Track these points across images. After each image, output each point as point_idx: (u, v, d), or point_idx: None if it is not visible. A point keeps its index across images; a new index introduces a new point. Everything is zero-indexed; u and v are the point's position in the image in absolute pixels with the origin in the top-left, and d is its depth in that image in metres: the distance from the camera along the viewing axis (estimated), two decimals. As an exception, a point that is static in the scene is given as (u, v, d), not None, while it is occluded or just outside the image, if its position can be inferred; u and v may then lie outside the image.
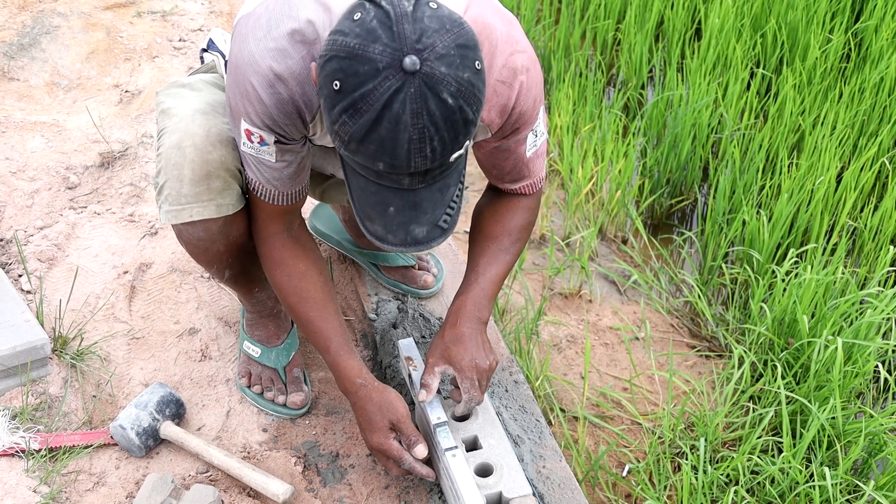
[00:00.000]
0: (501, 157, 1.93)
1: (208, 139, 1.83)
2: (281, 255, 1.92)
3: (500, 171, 1.98)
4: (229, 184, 1.88)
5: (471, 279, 1.97)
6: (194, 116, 1.85)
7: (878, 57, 3.75)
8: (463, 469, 1.84)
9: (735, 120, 3.53)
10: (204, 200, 1.86)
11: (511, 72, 1.76)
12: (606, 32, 4.14)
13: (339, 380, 1.94)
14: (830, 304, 2.67)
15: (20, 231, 2.55)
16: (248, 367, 2.22)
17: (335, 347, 1.92)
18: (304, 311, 1.93)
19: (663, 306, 2.94)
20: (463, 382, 1.90)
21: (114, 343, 2.29)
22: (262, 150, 1.77)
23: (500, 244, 2.00)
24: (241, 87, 1.70)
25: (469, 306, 1.93)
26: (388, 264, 2.47)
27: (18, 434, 2.02)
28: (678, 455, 2.40)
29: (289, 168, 1.81)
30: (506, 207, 2.03)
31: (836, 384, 2.35)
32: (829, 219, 3.14)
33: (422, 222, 1.57)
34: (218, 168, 1.85)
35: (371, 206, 1.57)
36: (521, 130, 1.88)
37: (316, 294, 1.93)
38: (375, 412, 1.88)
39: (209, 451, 2.01)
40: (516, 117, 1.83)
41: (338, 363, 1.92)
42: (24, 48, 3.30)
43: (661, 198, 3.45)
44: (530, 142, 1.92)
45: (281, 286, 1.94)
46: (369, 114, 1.42)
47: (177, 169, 1.84)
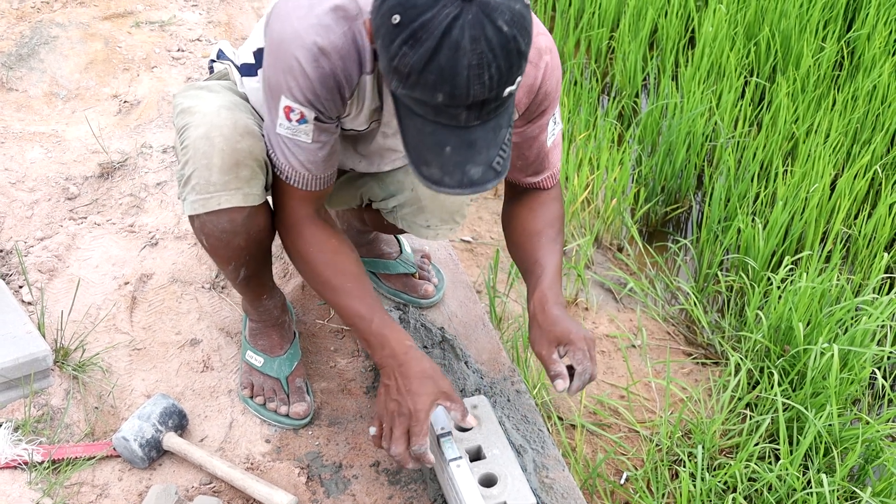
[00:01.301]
0: (526, 145, 1.96)
1: (236, 129, 1.85)
2: (312, 232, 1.91)
3: (524, 161, 2.00)
4: (256, 173, 1.89)
5: (536, 272, 1.97)
6: (219, 111, 1.88)
7: (871, 65, 3.77)
8: (467, 479, 1.84)
9: (729, 128, 3.55)
10: (232, 189, 1.87)
11: (536, 52, 1.80)
12: (601, 41, 4.15)
13: (383, 348, 1.88)
14: (826, 311, 2.68)
15: (20, 242, 2.55)
16: (250, 378, 2.22)
17: (379, 317, 1.89)
18: (341, 283, 1.89)
19: (659, 314, 2.95)
20: (576, 354, 1.86)
21: (115, 354, 2.29)
22: (300, 130, 1.79)
23: (547, 236, 2.02)
24: (285, 63, 1.72)
25: (549, 294, 1.93)
26: (388, 272, 2.47)
27: (21, 446, 2.01)
28: (676, 463, 2.41)
29: (323, 150, 1.83)
30: (538, 203, 2.06)
31: (832, 391, 2.37)
32: (823, 226, 3.16)
33: (477, 162, 1.58)
34: (246, 157, 1.86)
35: (427, 149, 1.58)
36: (545, 114, 1.92)
37: (352, 268, 1.92)
38: (426, 379, 1.84)
39: (212, 463, 2.00)
40: (542, 97, 1.87)
41: (383, 333, 1.87)
42: (22, 58, 3.30)
43: (656, 206, 3.46)
44: (550, 129, 1.96)
45: (315, 262, 1.91)
46: (429, 42, 1.44)
47: (206, 158, 1.84)
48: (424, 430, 1.81)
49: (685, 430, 2.51)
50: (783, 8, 3.98)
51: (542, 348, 1.88)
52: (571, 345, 1.86)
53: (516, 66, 1.50)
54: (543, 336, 1.88)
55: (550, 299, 1.91)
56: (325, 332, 2.40)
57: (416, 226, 2.16)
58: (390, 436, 1.82)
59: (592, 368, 1.86)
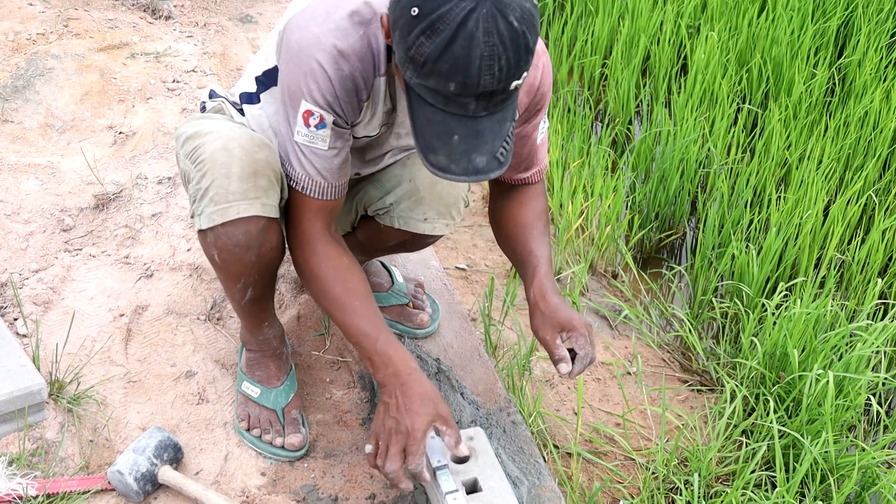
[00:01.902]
0: (520, 144, 2.06)
1: (253, 141, 1.91)
2: (325, 249, 1.94)
3: (517, 159, 2.10)
4: (273, 184, 1.92)
5: (532, 262, 2.07)
6: (233, 128, 1.95)
7: (862, 91, 3.80)
8: None
9: (722, 155, 3.56)
10: (251, 198, 1.89)
11: (535, 54, 1.86)
12: (593, 68, 4.17)
13: (387, 367, 1.90)
14: (820, 337, 2.69)
15: (15, 274, 2.55)
16: (246, 409, 2.21)
17: (385, 337, 1.92)
18: (350, 301, 1.92)
19: (654, 341, 2.95)
20: (578, 339, 1.95)
21: (110, 387, 2.28)
22: (317, 137, 1.85)
23: (538, 228, 2.12)
24: (306, 67, 1.79)
25: (547, 283, 2.02)
26: (380, 304, 2.48)
27: (16, 480, 2.00)
28: (672, 490, 2.40)
29: (338, 157, 1.89)
30: (527, 197, 2.16)
31: (828, 418, 2.36)
32: (817, 252, 3.17)
33: (482, 151, 1.66)
34: (265, 167, 1.89)
35: (436, 137, 1.65)
36: (539, 113, 2.04)
37: (360, 287, 1.94)
38: (426, 400, 1.86)
39: (208, 496, 2.00)
40: (539, 97, 1.99)
41: (388, 352, 1.90)
42: (17, 90, 3.31)
43: (650, 232, 3.47)
44: (541, 127, 2.08)
45: (325, 279, 1.93)
46: (445, 32, 1.53)
47: (225, 168, 1.88)
48: (421, 450, 1.82)
49: (681, 457, 2.50)
50: (774, 35, 4.01)
51: (547, 334, 1.97)
52: (574, 331, 1.95)
53: (524, 61, 1.59)
54: (546, 323, 1.97)
55: (549, 288, 2.01)
56: (321, 364, 2.40)
57: (413, 220, 2.18)
58: (386, 453, 1.84)
59: (593, 352, 1.97)
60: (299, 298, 2.56)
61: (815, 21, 4.24)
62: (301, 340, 2.46)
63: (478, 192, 3.52)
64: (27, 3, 3.83)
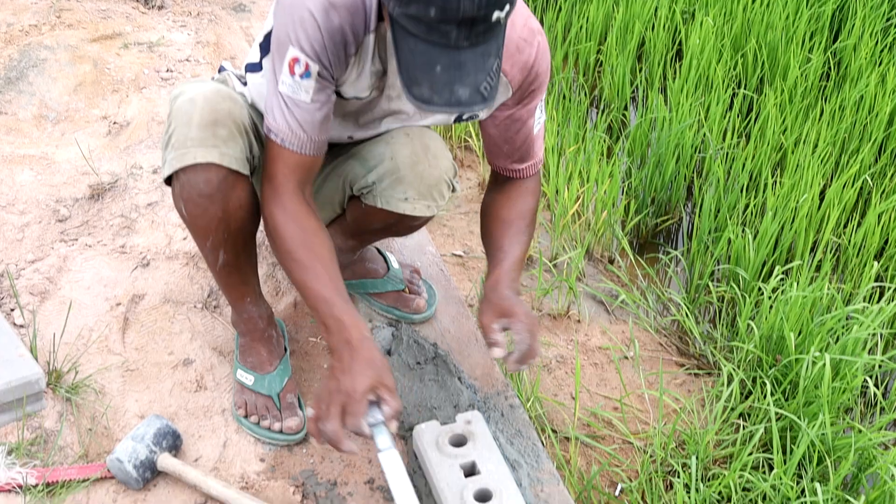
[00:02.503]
0: (514, 128, 2.09)
1: (219, 93, 1.96)
2: (295, 207, 1.93)
3: (510, 146, 2.13)
4: (234, 136, 1.95)
5: (499, 258, 2.09)
6: (205, 84, 2.00)
7: (858, 76, 3.80)
8: (397, 469, 1.80)
9: (718, 140, 3.57)
10: (209, 145, 1.93)
11: (530, 32, 1.97)
12: (588, 55, 4.18)
13: (340, 332, 1.86)
14: (817, 320, 2.70)
15: (11, 265, 2.55)
16: (243, 397, 2.22)
17: (342, 303, 1.88)
18: (312, 264, 1.90)
19: (651, 325, 2.96)
20: (516, 325, 1.96)
21: (108, 375, 2.29)
22: (301, 87, 1.86)
23: (517, 227, 2.14)
24: (297, 15, 1.81)
25: (504, 278, 2.04)
26: (377, 290, 2.49)
27: (15, 469, 2.01)
28: (670, 473, 2.42)
29: (320, 111, 1.89)
30: (516, 193, 2.19)
31: (824, 400, 2.38)
32: (813, 236, 3.18)
33: (465, 83, 1.65)
34: (225, 117, 1.93)
35: (419, 68, 1.65)
36: (535, 97, 2.05)
37: (325, 253, 1.93)
38: (372, 365, 1.82)
39: (207, 483, 2.01)
40: (534, 76, 2.00)
41: (342, 318, 1.86)
42: (11, 82, 3.31)
43: (646, 217, 3.47)
44: (537, 116, 2.10)
45: (291, 238, 1.91)
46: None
47: (186, 116, 1.93)
48: (360, 410, 1.77)
49: (679, 440, 2.52)
50: (769, 20, 4.02)
51: (485, 317, 2.00)
52: (513, 317, 1.97)
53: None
54: (489, 309, 2.00)
55: (504, 282, 2.03)
56: (319, 350, 2.41)
57: (394, 199, 2.16)
58: (327, 414, 1.78)
59: (532, 343, 1.97)
60: (296, 286, 2.57)
61: (811, 5, 4.24)
62: (298, 327, 2.47)
63: (474, 179, 3.53)
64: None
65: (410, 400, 2.18)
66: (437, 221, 3.24)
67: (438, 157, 2.14)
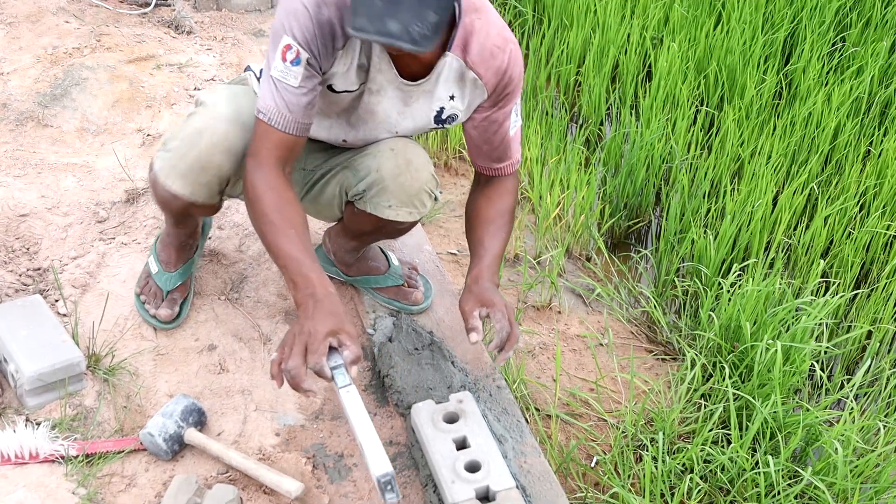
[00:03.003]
0: (492, 129, 2.10)
1: (223, 142, 1.99)
2: (276, 179, 1.90)
3: (489, 146, 2.14)
4: (212, 186, 2.05)
5: (480, 253, 2.11)
6: (220, 111, 2.00)
7: (807, 94, 3.80)
8: (356, 404, 1.75)
9: (683, 151, 3.57)
10: (189, 182, 2.02)
11: (504, 40, 1.99)
12: (569, 75, 4.17)
13: (307, 288, 1.81)
14: (770, 311, 2.69)
15: (56, 261, 2.54)
16: (145, 279, 2.39)
17: (311, 263, 1.85)
18: (285, 228, 1.86)
19: (624, 316, 2.96)
20: (495, 314, 1.97)
21: (141, 359, 2.28)
22: (290, 72, 1.86)
23: (496, 224, 2.15)
24: (292, 8, 1.83)
25: (485, 272, 2.05)
26: (379, 285, 2.48)
27: (58, 442, 2.01)
28: (640, 447, 2.41)
29: (306, 96, 1.89)
30: (496, 193, 2.20)
31: (776, 382, 2.37)
32: (767, 237, 3.18)
33: (397, 19, 1.63)
34: (213, 169, 2.02)
35: (362, 2, 1.65)
36: (509, 100, 2.06)
37: (298, 220, 1.90)
38: (335, 314, 1.78)
39: (228, 454, 2.00)
40: (507, 81, 2.02)
41: (310, 276, 1.82)
42: (56, 98, 3.30)
43: (619, 220, 3.47)
44: (513, 119, 2.11)
45: (268, 202, 1.88)
46: None
47: (186, 147, 2.01)
48: (321, 350, 1.72)
49: (648, 418, 2.51)
50: (729, 45, 4.01)
51: (466, 305, 2.00)
52: (493, 307, 1.98)
53: None
54: (470, 298, 2.01)
55: (485, 276, 2.04)
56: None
57: (380, 206, 2.15)
58: (289, 354, 1.73)
59: (512, 329, 1.97)
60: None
61: (765, 32, 4.24)
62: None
63: (467, 186, 3.52)
64: (64, 21, 3.81)
65: (409, 381, 2.18)
66: (433, 223, 3.23)
67: (420, 171, 2.12)
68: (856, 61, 4.05)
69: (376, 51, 1.93)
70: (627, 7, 4.45)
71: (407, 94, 2.02)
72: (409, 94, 2.03)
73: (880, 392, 2.66)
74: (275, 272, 2.58)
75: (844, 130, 3.60)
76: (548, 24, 4.45)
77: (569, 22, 4.40)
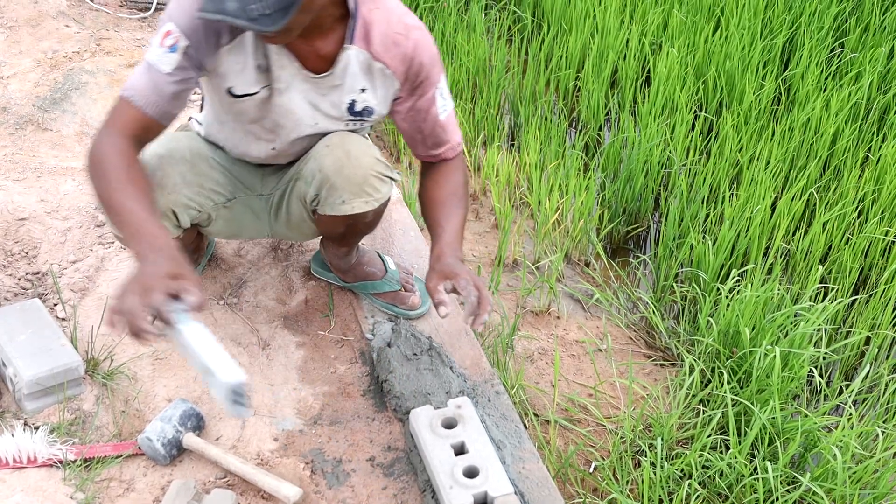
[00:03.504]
0: (420, 118, 2.11)
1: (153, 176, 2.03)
2: (126, 149, 1.84)
3: (422, 135, 2.15)
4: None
5: (438, 233, 2.09)
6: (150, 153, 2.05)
7: (805, 100, 3.80)
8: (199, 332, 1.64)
9: (682, 157, 3.57)
10: None
11: (405, 27, 1.99)
12: (568, 81, 4.17)
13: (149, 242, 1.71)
14: (768, 317, 2.69)
15: (55, 265, 2.54)
16: None
17: (153, 219, 1.77)
18: (128, 187, 1.78)
19: (622, 321, 2.96)
20: (460, 282, 1.95)
21: (140, 363, 2.28)
22: (164, 58, 1.85)
23: (450, 203, 2.14)
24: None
25: (446, 249, 2.04)
26: (376, 291, 2.48)
27: (56, 446, 2.01)
28: (638, 453, 2.41)
29: (173, 86, 1.87)
30: (442, 176, 2.19)
31: (775, 388, 2.37)
32: (765, 242, 3.18)
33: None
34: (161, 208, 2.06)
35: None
36: (428, 87, 2.07)
37: (142, 183, 1.83)
38: (174, 260, 1.69)
39: (227, 459, 2.00)
40: (418, 67, 2.02)
41: (151, 229, 1.73)
42: (56, 102, 3.30)
43: (618, 226, 3.47)
44: (440, 104, 2.11)
45: (115, 167, 1.80)
46: None
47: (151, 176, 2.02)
48: (159, 288, 1.60)
49: (646, 424, 2.51)
50: (727, 51, 4.01)
51: (430, 282, 1.99)
52: (456, 277, 1.96)
53: None
54: (434, 275, 2.00)
55: (447, 253, 2.03)
56: (327, 342, 2.40)
57: (335, 205, 2.12)
58: (125, 295, 1.62)
59: (480, 292, 1.94)
60: (307, 284, 2.56)
61: (764, 38, 4.24)
62: (309, 321, 2.46)
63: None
64: (64, 25, 3.82)
65: (407, 387, 2.18)
66: (433, 228, 3.23)
67: (360, 158, 2.09)
68: (854, 67, 4.05)
69: (273, 49, 1.93)
70: (626, 12, 4.46)
71: (316, 87, 2.02)
72: (318, 88, 2.03)
73: (879, 398, 2.66)
74: (274, 277, 2.58)
75: (843, 136, 3.60)
76: (547, 29, 4.46)
77: (568, 27, 4.40)
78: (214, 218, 2.22)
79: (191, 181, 2.11)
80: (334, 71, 2.00)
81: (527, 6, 4.68)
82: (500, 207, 3.27)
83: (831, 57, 4.26)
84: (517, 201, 3.47)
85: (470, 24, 4.39)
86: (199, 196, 2.14)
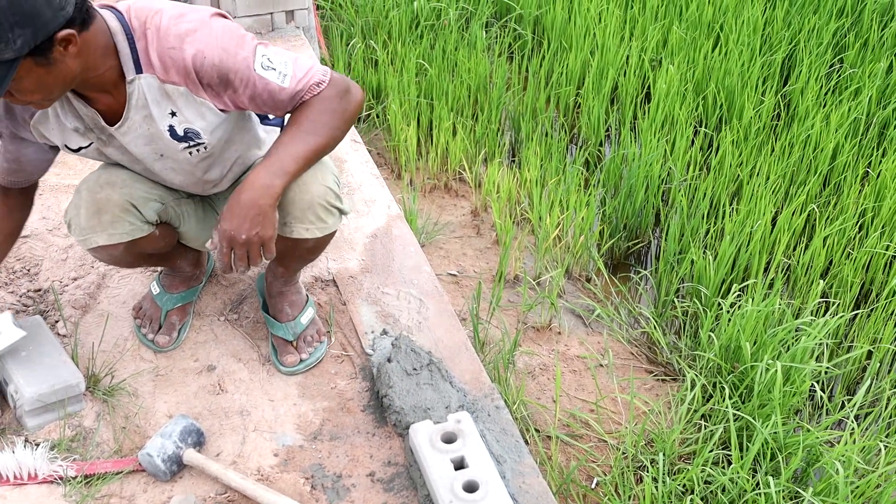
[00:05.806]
0: (260, 100, 1.88)
1: (98, 182, 2.08)
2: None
3: (271, 106, 1.90)
4: (118, 217, 2.07)
5: (270, 153, 1.85)
6: (91, 174, 2.14)
7: (805, 116, 3.81)
8: None
9: (682, 172, 3.58)
10: (98, 231, 2.07)
11: (176, 38, 1.80)
12: (568, 97, 4.19)
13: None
14: (770, 332, 2.69)
15: (56, 282, 2.55)
16: (142, 302, 2.43)
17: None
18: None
19: (624, 336, 2.96)
20: (214, 235, 1.85)
21: (140, 380, 2.29)
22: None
23: (300, 127, 1.87)
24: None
25: (262, 174, 1.81)
26: (272, 330, 2.39)
27: (57, 463, 2.01)
28: (640, 468, 2.41)
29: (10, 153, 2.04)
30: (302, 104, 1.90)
31: (776, 403, 2.37)
32: (766, 257, 3.18)
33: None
34: (105, 204, 2.05)
35: None
36: (235, 79, 1.84)
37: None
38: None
39: (227, 475, 2.00)
40: (199, 70, 1.82)
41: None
42: (58, 120, 3.31)
43: (619, 241, 3.48)
44: (275, 79, 1.85)
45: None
46: None
47: (76, 208, 2.09)
48: None
49: (648, 439, 2.51)
50: (727, 67, 4.03)
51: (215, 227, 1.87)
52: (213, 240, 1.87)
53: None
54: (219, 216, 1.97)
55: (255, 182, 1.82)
56: (327, 358, 2.40)
57: (281, 226, 2.03)
58: None
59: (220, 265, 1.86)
60: (308, 301, 2.57)
61: (763, 54, 4.26)
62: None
63: (467, 207, 3.54)
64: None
65: (407, 402, 2.18)
66: (433, 244, 3.24)
67: (308, 185, 2.00)
68: (853, 82, 4.07)
69: (80, 108, 1.88)
70: (626, 29, 4.49)
71: (132, 131, 1.93)
72: (134, 130, 1.93)
73: (881, 412, 2.66)
74: (274, 293, 2.58)
75: (843, 151, 3.61)
76: (547, 46, 4.48)
77: (568, 44, 4.43)
78: (183, 215, 2.22)
79: (141, 178, 2.11)
80: (128, 115, 1.88)
81: (527, 24, 4.70)
82: (500, 223, 3.28)
83: (831, 72, 4.28)
84: (518, 217, 3.48)
85: (471, 41, 4.41)
86: (156, 188, 2.13)
